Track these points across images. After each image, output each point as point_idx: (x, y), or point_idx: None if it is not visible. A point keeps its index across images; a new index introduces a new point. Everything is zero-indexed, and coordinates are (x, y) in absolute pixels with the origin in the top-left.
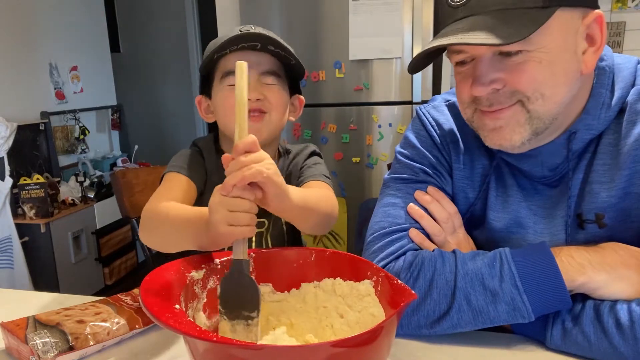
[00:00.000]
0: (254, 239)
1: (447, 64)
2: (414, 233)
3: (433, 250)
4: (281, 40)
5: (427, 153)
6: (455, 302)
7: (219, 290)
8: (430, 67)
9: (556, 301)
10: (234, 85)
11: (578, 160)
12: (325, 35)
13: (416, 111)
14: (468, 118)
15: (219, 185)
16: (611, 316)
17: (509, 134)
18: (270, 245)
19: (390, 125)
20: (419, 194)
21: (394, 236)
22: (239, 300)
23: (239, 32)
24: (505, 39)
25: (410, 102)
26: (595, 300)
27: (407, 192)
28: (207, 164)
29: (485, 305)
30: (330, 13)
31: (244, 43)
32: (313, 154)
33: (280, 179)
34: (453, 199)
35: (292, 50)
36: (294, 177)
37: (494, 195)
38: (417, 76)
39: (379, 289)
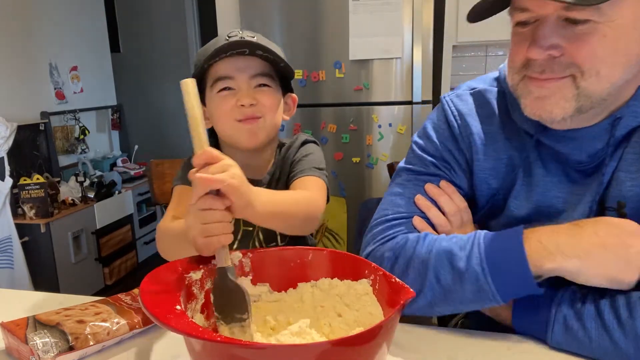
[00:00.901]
0: (237, 239)
1: (447, 64)
2: (417, 221)
3: (420, 233)
4: (269, 45)
5: (441, 146)
6: (427, 281)
7: (212, 297)
8: (430, 67)
9: (522, 286)
10: (225, 90)
11: (615, 148)
12: (325, 35)
13: (440, 99)
14: (513, 84)
15: (197, 203)
16: (612, 312)
17: (551, 106)
18: (263, 243)
19: (390, 125)
20: (429, 187)
21: (394, 222)
22: (229, 304)
23: (227, 40)
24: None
25: (410, 102)
26: (595, 296)
27: (416, 184)
28: None
29: (453, 285)
30: (330, 13)
31: (232, 50)
32: (304, 143)
33: (245, 188)
34: (473, 190)
35: (279, 53)
36: (284, 173)
37: (520, 184)
38: (417, 76)
39: (376, 287)
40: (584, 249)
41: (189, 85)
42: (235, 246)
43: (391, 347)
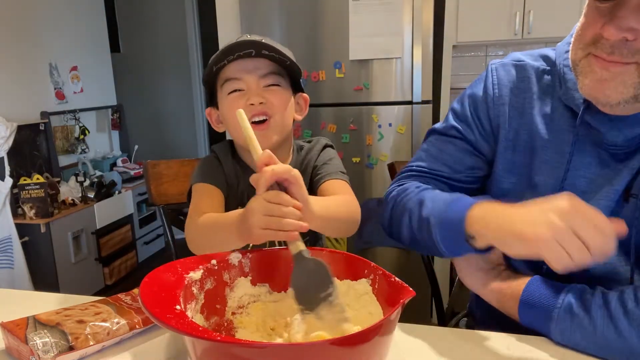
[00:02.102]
0: None
1: (447, 64)
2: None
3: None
4: (275, 44)
5: (470, 111)
6: (403, 221)
7: (291, 292)
8: (430, 67)
9: (457, 243)
10: (235, 91)
11: None
12: (325, 35)
13: (487, 65)
14: (575, 59)
15: (267, 193)
16: (619, 302)
17: (610, 90)
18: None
19: (390, 125)
20: None
21: (412, 174)
22: (313, 285)
23: (234, 42)
24: None
25: (410, 102)
26: (604, 290)
27: (439, 145)
28: (224, 168)
29: (417, 230)
30: (330, 13)
31: (238, 52)
32: (325, 147)
33: (305, 190)
34: (494, 159)
35: (286, 52)
36: (307, 174)
37: (544, 160)
38: (417, 76)
39: (376, 287)
40: (505, 214)
41: (243, 115)
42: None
43: (391, 347)
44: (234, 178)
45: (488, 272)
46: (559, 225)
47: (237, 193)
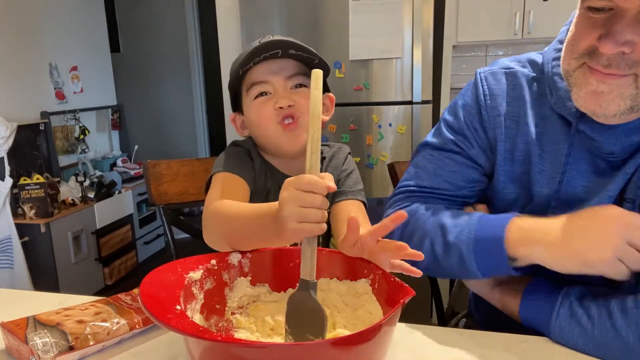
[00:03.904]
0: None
1: (447, 64)
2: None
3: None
4: (301, 43)
5: (465, 123)
6: (424, 247)
7: (287, 307)
8: (430, 67)
9: (499, 266)
10: (261, 96)
11: None
12: (325, 35)
13: (475, 74)
14: (568, 69)
15: (291, 179)
16: (618, 302)
17: (607, 102)
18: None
19: (390, 125)
20: None
21: (411, 195)
22: (304, 321)
23: (258, 44)
24: None
25: (410, 102)
26: (605, 291)
27: (437, 160)
28: (255, 164)
29: (443, 255)
30: (330, 13)
31: (265, 53)
32: (349, 154)
33: None
34: (494, 171)
35: (313, 50)
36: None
37: (542, 170)
38: (417, 76)
39: (375, 287)
40: (555, 234)
41: (319, 77)
42: None
43: (391, 347)
44: (262, 176)
45: None
46: (622, 248)
47: (263, 193)
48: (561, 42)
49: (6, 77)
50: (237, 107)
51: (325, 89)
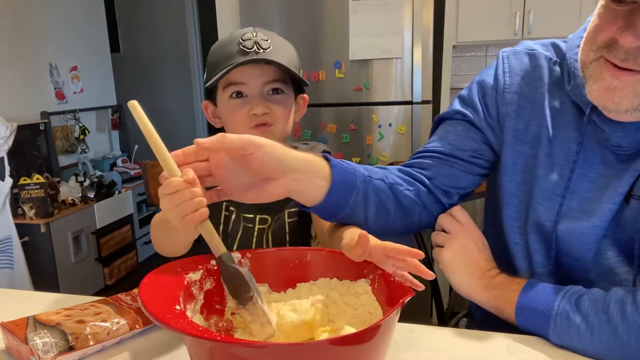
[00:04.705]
0: (255, 234)
1: (447, 64)
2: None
3: None
4: (285, 49)
5: (478, 96)
6: None
7: (224, 286)
8: (430, 67)
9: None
10: (237, 96)
11: None
12: (325, 35)
13: (498, 54)
14: (585, 61)
15: (160, 188)
16: (617, 306)
17: (621, 98)
18: (270, 243)
19: (390, 125)
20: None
21: (421, 154)
22: (238, 288)
23: (240, 43)
24: None
25: (410, 102)
26: (602, 292)
27: (445, 127)
28: None
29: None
30: (330, 13)
31: (247, 63)
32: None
33: None
34: (501, 149)
35: (294, 58)
36: None
37: (548, 154)
38: (417, 76)
39: (375, 287)
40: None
41: (136, 107)
42: (235, 244)
43: (391, 347)
44: None
45: (481, 279)
46: None
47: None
48: (586, 30)
49: (6, 77)
50: (210, 96)
51: (301, 90)
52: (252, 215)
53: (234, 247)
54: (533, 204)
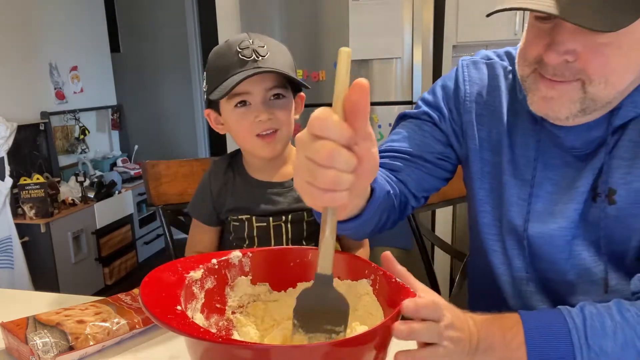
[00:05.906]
0: (272, 231)
1: (447, 64)
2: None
3: None
4: (281, 56)
5: (443, 101)
6: None
7: (297, 300)
8: (430, 67)
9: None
10: (242, 105)
11: (612, 136)
12: (325, 35)
13: (458, 62)
14: (523, 75)
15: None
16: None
17: (558, 106)
18: (290, 237)
19: (390, 125)
20: None
21: (384, 154)
22: (322, 314)
23: (239, 51)
24: (607, 25)
25: (410, 102)
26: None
27: (409, 126)
28: (212, 187)
29: None
30: (330, 13)
31: (253, 75)
32: None
33: None
34: (467, 157)
35: (290, 63)
36: None
37: (511, 160)
38: (417, 76)
39: (376, 287)
40: None
41: (347, 57)
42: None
43: (391, 347)
44: (224, 193)
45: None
46: None
47: (243, 208)
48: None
49: (6, 77)
50: (212, 104)
51: (298, 89)
52: (264, 224)
53: (254, 246)
54: (504, 209)
